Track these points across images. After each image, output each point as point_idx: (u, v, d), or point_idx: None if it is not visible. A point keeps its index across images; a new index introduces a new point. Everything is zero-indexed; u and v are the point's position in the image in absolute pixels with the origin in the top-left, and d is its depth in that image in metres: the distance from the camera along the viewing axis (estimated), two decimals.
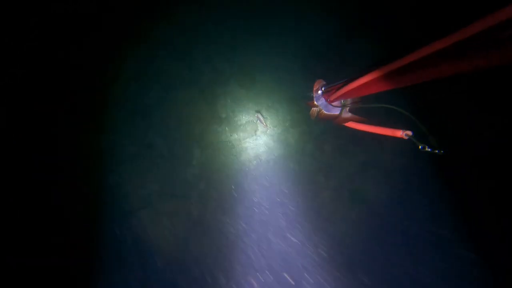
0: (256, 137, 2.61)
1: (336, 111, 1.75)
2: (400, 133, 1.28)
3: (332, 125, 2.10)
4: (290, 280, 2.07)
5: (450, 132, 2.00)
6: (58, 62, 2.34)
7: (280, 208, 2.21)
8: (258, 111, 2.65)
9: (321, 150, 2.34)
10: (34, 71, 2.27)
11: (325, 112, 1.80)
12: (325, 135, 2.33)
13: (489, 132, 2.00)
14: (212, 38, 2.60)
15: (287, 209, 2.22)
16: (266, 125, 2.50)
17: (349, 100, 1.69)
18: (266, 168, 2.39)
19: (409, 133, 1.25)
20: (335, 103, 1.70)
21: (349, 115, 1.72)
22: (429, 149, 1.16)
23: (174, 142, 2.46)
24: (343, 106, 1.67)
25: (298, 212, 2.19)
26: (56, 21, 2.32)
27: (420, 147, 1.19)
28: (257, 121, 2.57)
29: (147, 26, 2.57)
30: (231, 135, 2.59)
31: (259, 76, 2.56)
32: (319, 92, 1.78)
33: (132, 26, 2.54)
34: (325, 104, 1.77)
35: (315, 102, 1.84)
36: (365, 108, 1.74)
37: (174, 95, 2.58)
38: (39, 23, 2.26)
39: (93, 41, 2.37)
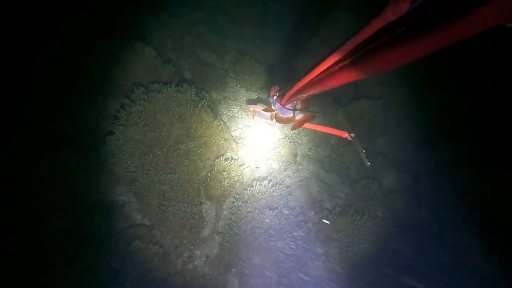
0: (297, 167, 1.75)
1: (290, 114, 1.96)
2: (345, 135, 1.71)
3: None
4: None
5: None
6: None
7: None
8: (251, 101, 2.01)
9: (434, 189, 1.43)
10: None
11: (281, 115, 1.98)
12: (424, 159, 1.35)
13: None
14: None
15: None
16: (273, 114, 2.01)
17: (299, 104, 1.92)
18: (339, 225, 1.40)
19: (353, 135, 1.69)
20: (287, 106, 1.90)
21: (301, 115, 1.94)
22: (365, 155, 1.67)
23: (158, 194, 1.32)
24: (294, 109, 1.90)
25: None
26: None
27: (359, 150, 1.67)
28: (255, 119, 1.91)
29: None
30: (257, 168, 1.65)
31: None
32: (274, 97, 1.96)
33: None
34: (280, 107, 1.94)
35: (272, 107, 2.02)
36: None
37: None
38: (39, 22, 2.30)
39: None
